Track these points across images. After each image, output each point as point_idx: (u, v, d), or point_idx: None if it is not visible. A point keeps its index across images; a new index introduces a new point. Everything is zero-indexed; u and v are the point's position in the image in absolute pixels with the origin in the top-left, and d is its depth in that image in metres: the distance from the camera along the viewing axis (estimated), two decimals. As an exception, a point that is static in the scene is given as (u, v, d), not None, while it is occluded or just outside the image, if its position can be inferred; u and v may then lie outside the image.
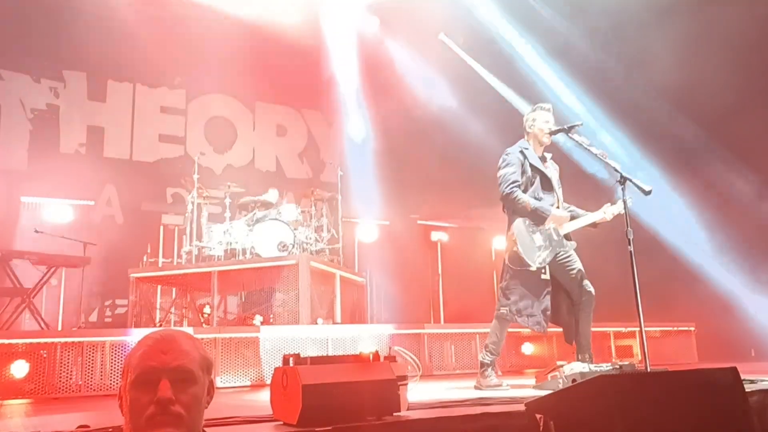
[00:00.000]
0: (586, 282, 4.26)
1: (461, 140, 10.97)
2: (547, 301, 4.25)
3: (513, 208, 4.31)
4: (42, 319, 6.71)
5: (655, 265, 6.70)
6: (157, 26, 9.12)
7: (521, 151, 4.39)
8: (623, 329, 7.01)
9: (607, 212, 4.26)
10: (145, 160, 10.24)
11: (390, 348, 3.26)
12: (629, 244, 3.66)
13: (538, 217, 4.25)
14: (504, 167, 4.34)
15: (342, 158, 11.44)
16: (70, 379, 4.84)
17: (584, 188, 4.37)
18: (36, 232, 7.16)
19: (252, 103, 11.47)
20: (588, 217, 4.36)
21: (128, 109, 10.38)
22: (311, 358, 2.78)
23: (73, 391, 4.80)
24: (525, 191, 4.31)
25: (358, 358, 2.99)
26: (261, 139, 11.44)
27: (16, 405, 4.45)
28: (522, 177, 4.32)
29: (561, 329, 4.47)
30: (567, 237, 4.35)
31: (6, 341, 4.77)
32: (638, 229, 3.82)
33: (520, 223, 4.27)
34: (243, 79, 10.63)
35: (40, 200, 8.07)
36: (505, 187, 4.28)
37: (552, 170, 4.49)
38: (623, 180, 3.80)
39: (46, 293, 7.19)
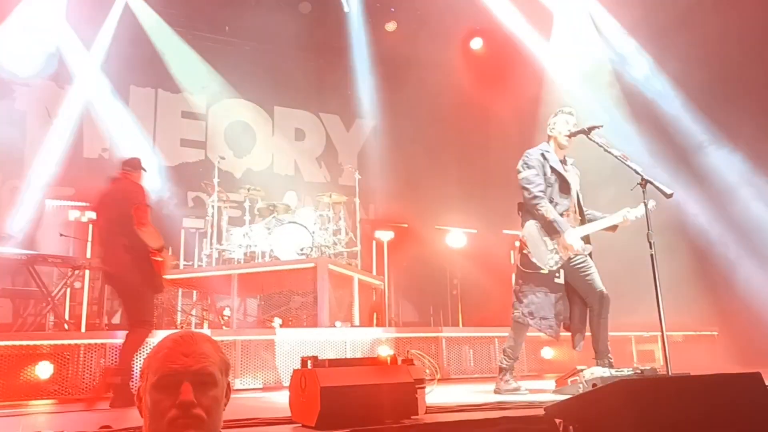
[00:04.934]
0: (602, 288, 4.22)
1: (481, 140, 10.96)
2: (561, 305, 4.22)
3: (530, 211, 4.28)
4: (66, 320, 6.82)
5: (678, 268, 6.60)
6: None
7: (542, 154, 4.36)
8: (645, 334, 6.91)
9: (629, 215, 4.20)
10: (166, 164, 10.36)
11: (408, 351, 3.26)
12: (651, 248, 3.62)
13: (551, 228, 4.20)
14: (526, 169, 4.30)
15: (360, 161, 11.49)
16: (93, 380, 4.91)
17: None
18: (61, 235, 7.28)
19: (271, 108, 11.56)
20: (606, 221, 4.30)
21: (150, 114, 10.52)
22: (329, 360, 2.79)
23: (96, 391, 4.87)
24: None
25: (376, 361, 3.00)
26: (280, 143, 11.51)
27: (41, 405, 4.53)
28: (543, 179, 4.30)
29: (569, 333, 4.43)
30: (585, 240, 4.31)
31: (31, 343, 4.86)
32: (661, 232, 3.77)
33: (531, 226, 4.26)
34: (262, 83, 10.75)
35: (64, 204, 8.21)
36: (534, 190, 4.21)
37: (572, 174, 4.45)
38: (644, 183, 3.76)
39: (70, 295, 7.31)
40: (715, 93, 7.45)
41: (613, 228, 4.32)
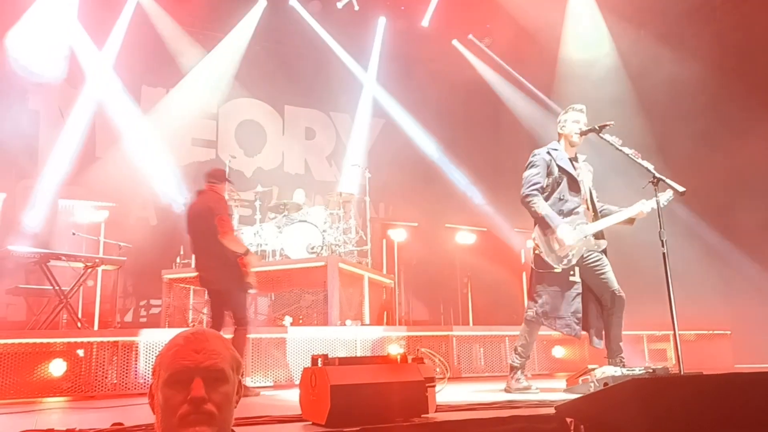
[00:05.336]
0: (617, 286, 4.19)
1: (492, 138, 10.92)
2: (577, 303, 4.18)
3: (528, 211, 4.27)
4: (79, 319, 6.88)
5: (691, 266, 6.55)
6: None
7: (549, 152, 4.33)
8: (657, 332, 6.87)
9: (645, 207, 4.15)
10: (177, 163, 10.41)
11: (418, 349, 3.25)
12: (662, 246, 3.59)
13: (546, 224, 4.16)
14: (529, 168, 4.30)
15: (370, 160, 11.49)
16: (106, 377, 4.95)
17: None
18: (73, 234, 7.35)
19: (281, 107, 11.58)
20: (621, 214, 4.26)
21: (161, 114, 10.57)
22: (339, 358, 2.80)
23: (108, 389, 4.92)
24: (551, 192, 4.25)
25: (386, 360, 3.00)
26: (290, 142, 11.54)
27: (54, 402, 4.58)
28: (548, 178, 4.27)
29: (586, 333, 4.39)
30: (599, 235, 4.28)
31: (44, 341, 4.91)
32: (673, 229, 3.74)
33: None
34: (272, 82, 10.79)
35: (76, 203, 8.28)
36: (524, 189, 4.24)
37: (584, 172, 4.41)
38: (656, 180, 3.74)
39: (83, 293, 7.37)
40: (727, 86, 7.37)
41: (631, 221, 4.28)
